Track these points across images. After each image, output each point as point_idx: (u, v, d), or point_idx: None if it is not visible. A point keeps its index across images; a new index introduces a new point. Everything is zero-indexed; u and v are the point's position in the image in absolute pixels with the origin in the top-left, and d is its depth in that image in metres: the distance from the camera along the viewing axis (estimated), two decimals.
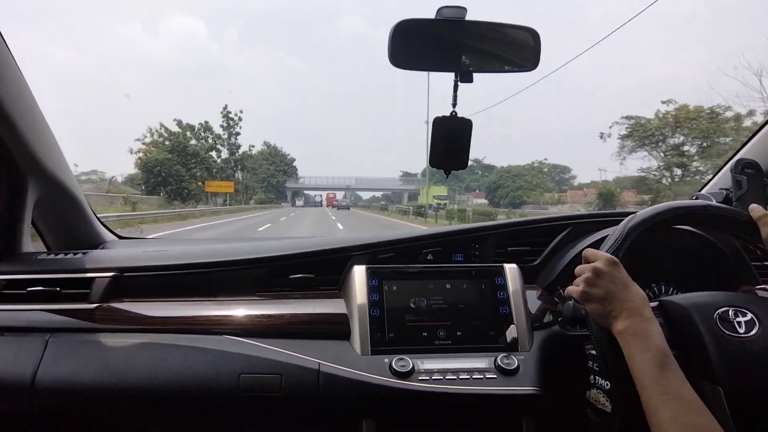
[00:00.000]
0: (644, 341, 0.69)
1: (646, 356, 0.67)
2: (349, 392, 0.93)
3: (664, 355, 0.67)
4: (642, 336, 0.69)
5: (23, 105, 1.07)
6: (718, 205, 0.89)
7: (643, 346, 0.68)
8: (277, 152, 71.54)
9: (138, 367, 0.95)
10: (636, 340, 0.69)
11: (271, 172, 67.19)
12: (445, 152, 0.92)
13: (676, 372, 0.66)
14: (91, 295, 1.06)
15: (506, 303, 1.06)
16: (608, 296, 0.75)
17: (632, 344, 0.69)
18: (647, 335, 0.69)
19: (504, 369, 0.95)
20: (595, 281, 0.76)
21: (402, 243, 1.18)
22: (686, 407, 0.62)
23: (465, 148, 0.92)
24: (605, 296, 0.75)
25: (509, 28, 0.92)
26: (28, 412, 0.93)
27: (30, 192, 1.18)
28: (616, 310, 0.73)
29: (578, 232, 1.21)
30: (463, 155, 0.92)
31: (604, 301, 0.75)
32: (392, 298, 1.04)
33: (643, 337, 0.69)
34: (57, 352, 0.97)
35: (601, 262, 0.77)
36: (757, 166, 0.99)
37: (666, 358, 0.67)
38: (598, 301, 0.76)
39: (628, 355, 0.70)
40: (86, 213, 1.38)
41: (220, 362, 0.95)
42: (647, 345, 0.68)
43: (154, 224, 16.96)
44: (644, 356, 0.67)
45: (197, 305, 1.08)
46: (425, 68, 0.93)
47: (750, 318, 0.78)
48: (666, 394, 0.63)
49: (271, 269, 1.14)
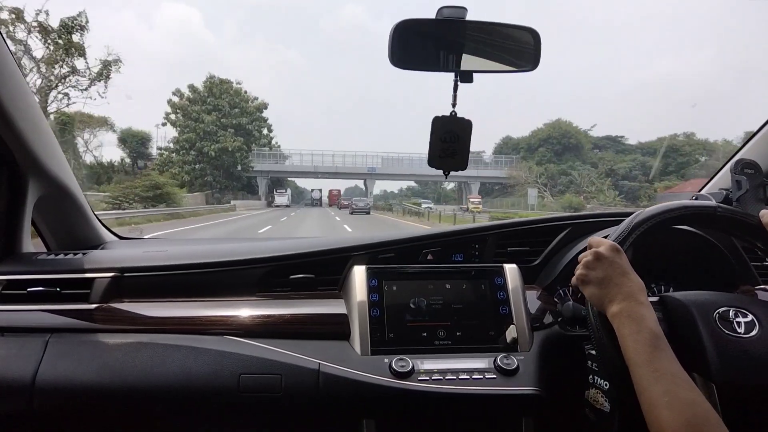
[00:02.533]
0: (638, 323, 0.69)
1: (638, 338, 0.68)
2: (349, 392, 0.93)
3: (657, 337, 0.68)
4: (636, 318, 0.70)
5: (23, 104, 1.07)
6: (728, 207, 0.88)
7: (637, 328, 0.69)
8: (227, 87, 38.08)
9: (138, 367, 0.95)
10: (630, 322, 0.70)
11: (212, 125, 35.14)
12: (444, 152, 0.92)
13: (668, 352, 0.67)
14: (92, 295, 1.07)
15: (506, 303, 1.06)
16: (605, 280, 0.75)
17: (626, 326, 0.70)
18: (641, 318, 0.70)
19: (504, 369, 0.95)
20: (595, 264, 0.77)
21: (402, 243, 1.18)
22: (677, 383, 0.63)
23: (465, 148, 0.92)
24: (602, 280, 0.76)
25: (509, 28, 0.92)
26: (29, 412, 0.93)
27: (30, 192, 1.18)
28: (611, 293, 0.74)
29: (578, 232, 1.21)
30: (462, 155, 0.92)
31: (601, 284, 0.76)
32: (392, 299, 1.04)
33: (637, 320, 0.70)
34: (57, 353, 0.97)
35: (604, 247, 0.78)
36: (757, 167, 0.99)
37: (658, 340, 0.67)
38: (595, 284, 0.76)
39: (621, 336, 0.70)
40: (86, 213, 1.38)
41: (221, 362, 0.95)
42: (640, 327, 0.69)
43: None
44: (637, 337, 0.68)
45: (197, 305, 1.08)
46: (425, 68, 0.92)
47: (750, 319, 0.78)
48: (657, 371, 0.64)
49: (272, 269, 1.14)
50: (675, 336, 0.77)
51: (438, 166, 0.94)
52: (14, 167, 1.13)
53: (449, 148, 0.92)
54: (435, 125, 0.91)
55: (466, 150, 0.92)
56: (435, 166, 0.93)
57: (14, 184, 1.15)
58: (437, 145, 0.92)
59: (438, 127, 0.91)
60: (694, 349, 0.76)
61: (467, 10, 0.85)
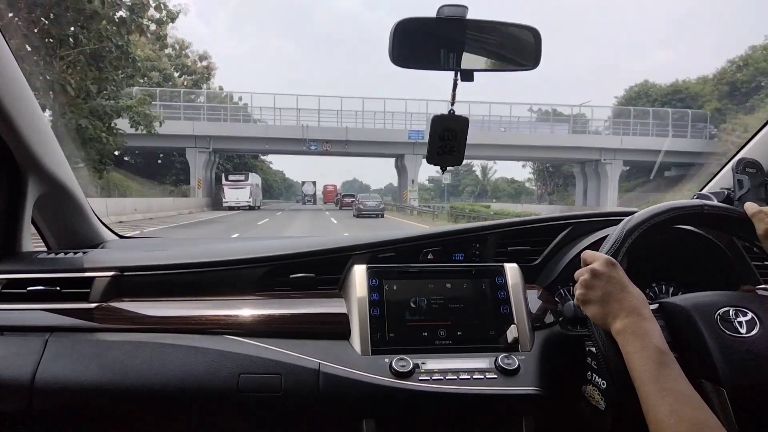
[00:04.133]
0: (643, 340, 0.68)
1: (644, 354, 0.67)
2: (349, 392, 0.93)
3: (663, 353, 0.67)
4: (641, 335, 0.69)
5: (23, 104, 1.07)
6: (714, 204, 0.89)
7: (642, 345, 0.68)
8: None
9: (138, 366, 0.95)
10: (635, 339, 0.69)
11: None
12: (442, 150, 0.94)
13: (675, 369, 0.66)
14: (91, 294, 1.06)
15: (507, 302, 1.06)
16: (606, 297, 0.74)
17: (631, 343, 0.69)
18: (646, 334, 0.69)
19: (504, 369, 0.95)
20: (592, 283, 0.76)
21: (402, 242, 1.18)
22: (685, 402, 0.62)
23: (461, 145, 0.94)
24: (603, 298, 0.74)
25: (510, 26, 0.91)
26: (28, 411, 0.93)
27: (30, 191, 1.18)
28: (614, 310, 0.73)
29: (579, 231, 1.21)
30: (459, 152, 0.94)
31: (602, 302, 0.74)
32: (392, 298, 1.04)
33: (642, 336, 0.68)
34: (57, 352, 0.97)
35: (599, 263, 0.77)
36: (759, 166, 0.99)
37: (664, 356, 0.66)
38: (596, 304, 0.75)
39: (627, 353, 0.69)
40: (86, 212, 1.38)
41: (220, 362, 0.95)
42: (645, 344, 0.68)
43: None
44: (642, 354, 0.67)
45: (197, 305, 1.07)
46: (426, 67, 0.92)
47: (751, 317, 0.78)
48: (664, 390, 0.63)
49: (271, 269, 1.14)
50: (679, 343, 0.76)
51: (436, 163, 0.96)
52: (14, 166, 1.13)
53: (447, 145, 0.93)
54: (434, 124, 0.92)
55: (462, 146, 0.94)
56: (434, 163, 0.96)
57: (14, 183, 1.15)
58: (436, 143, 0.93)
59: (437, 126, 0.92)
60: (699, 354, 0.75)
61: (468, 8, 0.85)
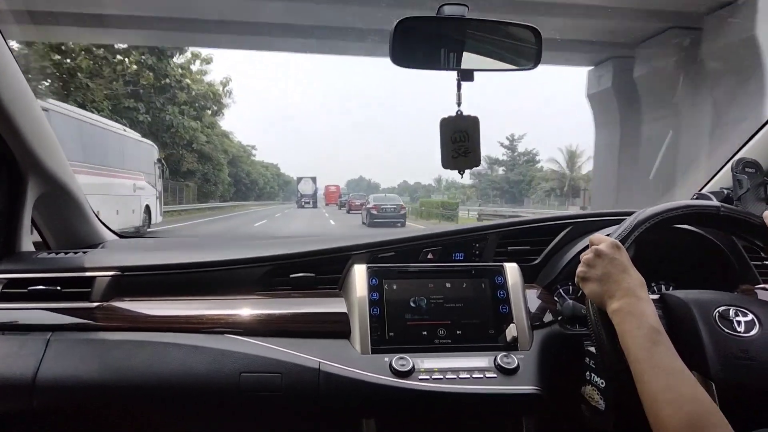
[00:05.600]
0: (638, 319, 0.69)
1: (639, 333, 0.68)
2: (350, 391, 0.93)
3: (657, 332, 0.68)
4: (637, 314, 0.70)
5: (23, 104, 1.07)
6: (731, 207, 0.88)
7: (637, 324, 0.69)
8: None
9: (139, 366, 0.95)
10: (630, 318, 0.70)
11: None
12: (456, 152, 0.91)
13: (669, 347, 0.67)
14: (92, 294, 1.06)
15: (506, 302, 1.06)
16: (605, 277, 0.75)
17: (626, 322, 0.70)
18: (642, 314, 0.70)
19: (504, 368, 0.95)
20: (595, 262, 0.77)
21: (402, 242, 1.18)
22: (678, 378, 0.63)
23: (476, 145, 0.91)
24: (602, 277, 0.75)
25: (510, 25, 0.91)
26: (29, 411, 0.93)
27: (30, 191, 1.18)
28: (611, 290, 0.74)
29: (578, 231, 1.21)
30: (475, 153, 0.91)
31: (601, 281, 0.75)
32: (392, 297, 1.04)
33: (638, 316, 0.70)
34: (58, 351, 0.97)
35: (604, 245, 0.78)
36: (758, 166, 0.99)
37: (659, 336, 0.67)
38: (594, 282, 0.76)
39: (622, 332, 0.70)
40: (86, 212, 1.38)
41: (221, 361, 0.95)
42: (640, 323, 0.69)
43: None
44: (637, 333, 0.68)
45: (198, 304, 1.08)
46: (427, 67, 0.92)
47: (751, 319, 0.78)
48: (658, 367, 0.64)
49: (272, 268, 1.14)
50: (674, 334, 0.77)
51: (453, 167, 0.92)
52: (14, 166, 1.13)
53: (461, 147, 0.90)
54: (443, 127, 0.90)
55: (477, 146, 0.91)
56: (450, 167, 0.91)
57: (14, 183, 1.15)
58: (449, 147, 0.90)
59: (446, 128, 0.90)
60: (693, 347, 0.76)
61: (468, 7, 0.85)
